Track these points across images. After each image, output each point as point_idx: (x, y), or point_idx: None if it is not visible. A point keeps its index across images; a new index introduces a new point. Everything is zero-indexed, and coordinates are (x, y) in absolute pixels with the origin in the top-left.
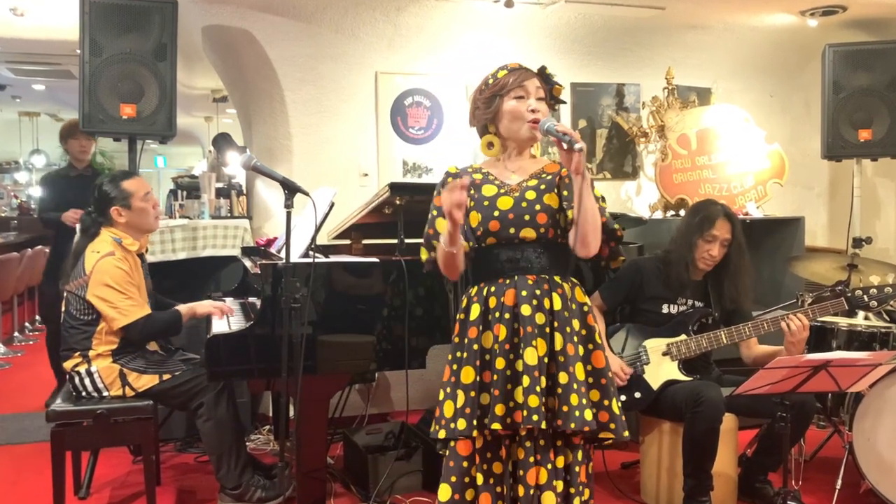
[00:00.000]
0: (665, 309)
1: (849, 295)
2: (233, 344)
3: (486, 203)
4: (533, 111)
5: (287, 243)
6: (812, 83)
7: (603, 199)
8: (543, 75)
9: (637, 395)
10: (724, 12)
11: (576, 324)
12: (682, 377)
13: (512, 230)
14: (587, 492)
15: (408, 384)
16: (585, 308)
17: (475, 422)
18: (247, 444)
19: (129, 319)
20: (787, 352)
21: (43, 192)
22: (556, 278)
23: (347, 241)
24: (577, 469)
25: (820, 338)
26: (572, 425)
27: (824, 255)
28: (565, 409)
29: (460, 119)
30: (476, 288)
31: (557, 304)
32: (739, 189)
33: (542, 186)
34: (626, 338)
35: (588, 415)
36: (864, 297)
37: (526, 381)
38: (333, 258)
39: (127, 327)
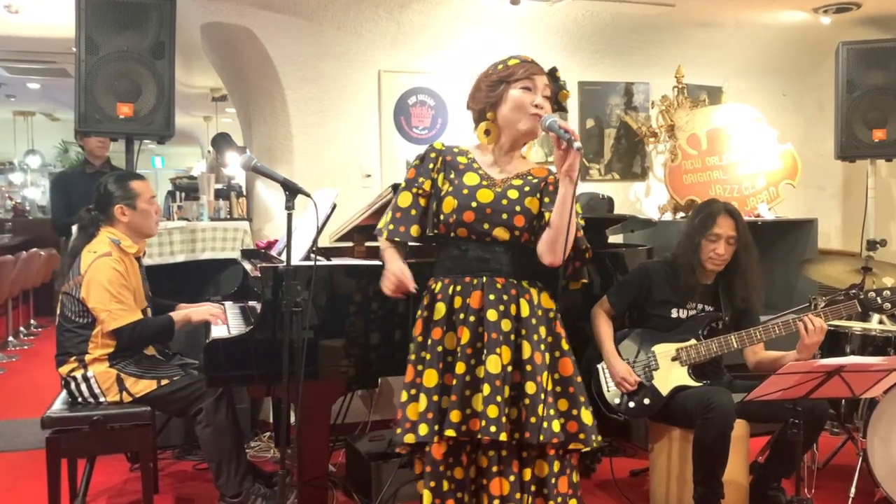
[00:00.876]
0: (674, 313)
1: (862, 297)
2: (232, 349)
3: (465, 191)
4: (537, 106)
5: (288, 246)
6: (825, 82)
7: (581, 216)
8: (553, 76)
9: (646, 401)
10: (735, 9)
11: (542, 331)
12: (691, 383)
13: (486, 226)
14: (573, 502)
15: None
16: (552, 314)
17: (437, 426)
18: (247, 451)
19: (118, 324)
20: (799, 353)
21: (55, 193)
22: (524, 283)
23: (350, 244)
24: (553, 481)
25: (833, 342)
26: (541, 438)
27: (838, 257)
28: (532, 420)
29: (466, 119)
30: (440, 284)
31: (525, 311)
32: (751, 190)
33: (527, 188)
34: (634, 343)
35: (556, 426)
36: (878, 298)
37: (486, 389)
38: (335, 261)
39: (115, 332)
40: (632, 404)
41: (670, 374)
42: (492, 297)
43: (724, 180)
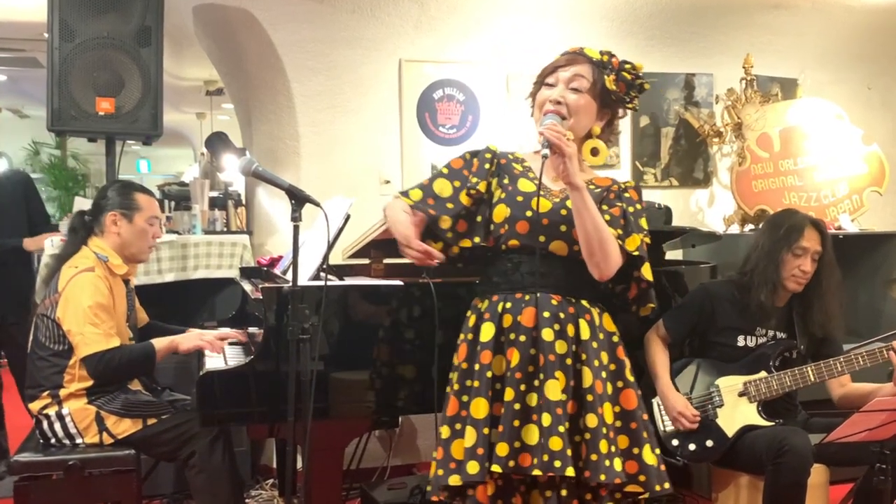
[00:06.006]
0: (741, 341)
1: None
2: (230, 382)
3: (519, 199)
4: (553, 102)
5: (294, 263)
6: None
7: (630, 228)
8: (598, 63)
9: (709, 443)
10: None
11: (604, 357)
12: (761, 422)
13: (542, 238)
14: None
15: (437, 430)
16: (615, 339)
17: (487, 464)
18: (246, 500)
19: (88, 350)
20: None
21: None
22: (584, 302)
23: (366, 261)
24: None
25: None
26: (602, 477)
27: None
28: (594, 457)
29: (499, 115)
30: (487, 302)
31: (585, 333)
32: (831, 199)
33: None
34: (695, 375)
35: (618, 464)
36: None
37: (547, 419)
38: (349, 281)
39: (82, 360)
40: (692, 446)
41: (737, 412)
42: (546, 314)
43: (799, 187)
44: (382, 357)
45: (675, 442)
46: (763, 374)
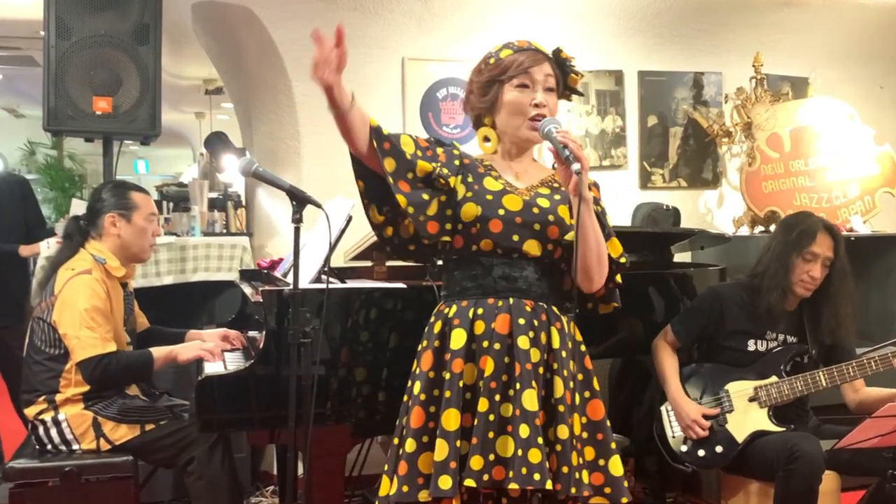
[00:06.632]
0: (751, 345)
1: None
2: (229, 387)
3: (488, 197)
4: (538, 106)
5: (295, 266)
6: None
7: (608, 231)
8: (558, 60)
9: (718, 449)
10: None
11: (572, 366)
12: (772, 427)
13: (515, 237)
14: None
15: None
16: (582, 347)
17: (458, 478)
18: None
19: (85, 354)
20: None
21: None
22: (555, 309)
23: (368, 263)
24: None
25: None
26: (573, 490)
27: None
28: (565, 469)
29: None
30: (455, 307)
31: (556, 342)
32: (842, 200)
33: (556, 196)
34: (704, 380)
35: (585, 476)
36: None
37: (525, 430)
38: (351, 283)
39: (78, 364)
40: (701, 452)
41: (747, 417)
42: (521, 321)
43: (810, 188)
44: (384, 361)
45: (683, 448)
46: (774, 378)
